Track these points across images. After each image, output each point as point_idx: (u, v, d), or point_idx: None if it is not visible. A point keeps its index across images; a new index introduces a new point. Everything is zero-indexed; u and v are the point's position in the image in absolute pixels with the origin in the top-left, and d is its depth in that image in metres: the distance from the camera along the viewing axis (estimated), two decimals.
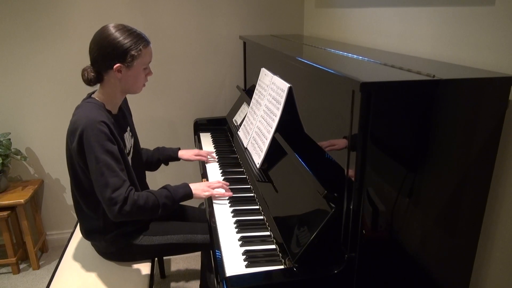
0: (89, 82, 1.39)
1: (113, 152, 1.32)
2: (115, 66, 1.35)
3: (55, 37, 2.22)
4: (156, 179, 2.55)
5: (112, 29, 1.35)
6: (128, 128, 1.59)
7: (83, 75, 1.39)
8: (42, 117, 2.34)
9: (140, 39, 1.38)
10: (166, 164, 1.92)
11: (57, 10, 2.18)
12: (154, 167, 1.89)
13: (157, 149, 1.90)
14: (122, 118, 1.55)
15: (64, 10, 2.19)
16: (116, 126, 1.42)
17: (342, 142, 1.06)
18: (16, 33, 2.17)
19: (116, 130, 1.40)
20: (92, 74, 1.38)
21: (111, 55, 1.34)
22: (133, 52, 1.35)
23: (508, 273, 1.11)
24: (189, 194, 1.48)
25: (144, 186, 1.69)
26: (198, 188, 1.50)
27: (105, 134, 1.31)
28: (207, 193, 1.50)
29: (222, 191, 1.54)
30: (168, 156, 1.89)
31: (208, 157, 1.92)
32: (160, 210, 1.40)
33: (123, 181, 1.32)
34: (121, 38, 1.34)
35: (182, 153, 1.91)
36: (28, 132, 2.35)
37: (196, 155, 1.91)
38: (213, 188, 1.53)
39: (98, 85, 1.44)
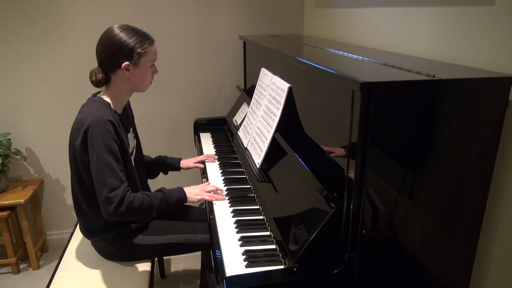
0: (97, 83, 1.41)
1: (115, 152, 1.33)
2: (123, 65, 1.37)
3: (55, 37, 2.22)
4: (156, 180, 2.54)
5: (117, 30, 1.37)
6: (131, 129, 1.60)
7: (91, 77, 1.41)
8: (42, 117, 2.34)
9: (145, 38, 1.40)
10: (166, 173, 1.93)
11: (58, 11, 2.18)
12: (153, 175, 1.90)
13: (159, 157, 1.90)
14: (126, 119, 1.56)
15: (64, 11, 2.19)
16: (121, 126, 1.43)
17: (342, 142, 1.06)
18: (17, 33, 2.17)
19: (121, 129, 1.41)
20: (100, 75, 1.39)
21: (118, 54, 1.36)
22: (139, 50, 1.37)
23: (508, 273, 1.11)
24: (183, 198, 1.49)
25: (146, 188, 1.70)
26: (191, 192, 1.51)
27: (110, 133, 1.32)
28: (199, 197, 1.50)
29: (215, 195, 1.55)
30: (169, 165, 1.90)
31: (208, 160, 1.93)
32: (154, 213, 1.41)
33: (121, 182, 1.33)
34: (126, 37, 1.36)
35: (183, 162, 1.92)
36: (28, 132, 2.35)
37: (195, 163, 1.91)
38: (206, 192, 1.53)
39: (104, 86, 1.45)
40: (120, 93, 1.45)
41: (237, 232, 1.30)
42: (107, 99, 1.43)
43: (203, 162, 1.92)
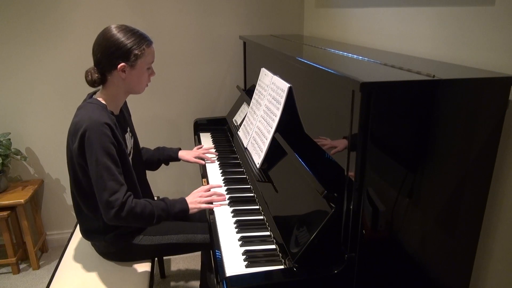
0: (93, 83, 1.39)
1: (114, 155, 1.32)
2: (119, 66, 1.35)
3: (55, 38, 2.22)
4: (156, 179, 2.55)
5: (114, 30, 1.35)
6: (128, 129, 1.59)
7: (86, 76, 1.39)
8: (42, 117, 2.34)
9: (143, 39, 1.38)
10: (167, 164, 1.92)
11: (57, 11, 2.18)
12: (154, 166, 1.89)
13: (158, 148, 1.90)
14: (123, 119, 1.56)
15: (64, 11, 2.19)
16: (118, 127, 1.42)
17: (342, 142, 1.06)
18: (17, 34, 2.17)
19: (118, 131, 1.40)
20: (96, 75, 1.38)
21: (114, 55, 1.34)
22: (136, 51, 1.36)
23: (508, 273, 1.11)
24: (185, 210, 1.46)
25: (145, 185, 1.69)
26: (193, 201, 1.48)
27: (107, 136, 1.31)
28: (203, 205, 1.47)
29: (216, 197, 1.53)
30: (168, 156, 1.89)
31: (208, 156, 1.92)
32: (155, 221, 1.40)
33: (121, 185, 1.32)
34: (124, 38, 1.34)
35: (182, 154, 1.91)
36: (28, 132, 2.35)
37: (195, 157, 1.91)
38: (207, 196, 1.51)
39: (100, 86, 1.44)
40: (116, 94, 1.44)
41: (237, 232, 1.30)
42: (103, 101, 1.42)
43: (203, 159, 1.91)
